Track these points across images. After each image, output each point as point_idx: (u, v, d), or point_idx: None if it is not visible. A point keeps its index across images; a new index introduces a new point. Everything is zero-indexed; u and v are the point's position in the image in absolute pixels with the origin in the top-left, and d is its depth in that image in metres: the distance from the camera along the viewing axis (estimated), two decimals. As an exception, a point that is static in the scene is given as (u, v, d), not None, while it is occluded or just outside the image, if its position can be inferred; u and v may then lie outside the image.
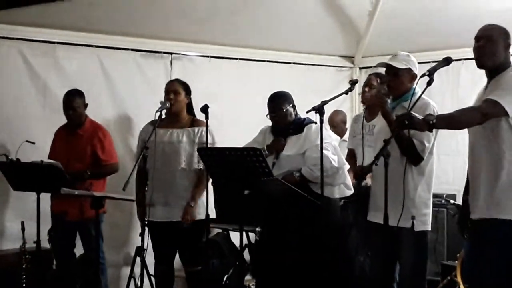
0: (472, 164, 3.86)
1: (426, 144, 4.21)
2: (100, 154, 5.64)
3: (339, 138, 6.85)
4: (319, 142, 4.47)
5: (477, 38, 3.79)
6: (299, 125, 4.87)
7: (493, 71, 3.78)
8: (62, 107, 5.65)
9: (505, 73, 3.72)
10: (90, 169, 5.53)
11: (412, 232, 4.23)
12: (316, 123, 4.81)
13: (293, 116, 4.90)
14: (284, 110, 4.83)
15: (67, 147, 5.62)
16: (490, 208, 3.67)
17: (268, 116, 4.90)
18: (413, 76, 4.38)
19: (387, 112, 4.31)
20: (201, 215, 5.11)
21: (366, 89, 5.58)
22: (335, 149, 4.82)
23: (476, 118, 3.61)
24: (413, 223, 4.20)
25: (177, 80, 5.40)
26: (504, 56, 3.76)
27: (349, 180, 4.93)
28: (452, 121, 3.71)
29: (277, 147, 4.79)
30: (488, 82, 3.81)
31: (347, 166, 4.94)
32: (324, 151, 4.55)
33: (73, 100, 5.61)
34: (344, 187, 4.92)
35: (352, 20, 7.42)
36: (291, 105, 4.89)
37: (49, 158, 5.54)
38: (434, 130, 3.92)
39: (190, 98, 5.31)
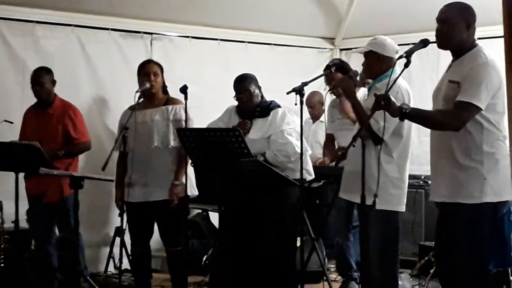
0: (436, 147, 3.80)
1: (380, 123, 4.04)
2: (72, 133, 5.57)
3: (311, 120, 6.87)
4: (284, 127, 4.70)
5: (437, 21, 3.75)
6: (266, 108, 4.88)
7: (456, 50, 3.74)
8: (30, 85, 5.58)
9: (470, 58, 3.65)
10: (63, 148, 5.48)
11: (373, 209, 4.20)
12: (280, 107, 4.86)
13: (259, 97, 4.92)
14: (252, 91, 4.85)
15: (38, 127, 5.54)
16: (454, 193, 3.64)
17: (235, 97, 4.92)
18: (384, 59, 4.41)
19: (352, 95, 4.36)
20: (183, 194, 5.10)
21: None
22: (298, 135, 4.83)
23: (455, 125, 3.57)
24: (374, 201, 4.18)
25: (153, 61, 5.31)
26: (466, 35, 3.69)
27: (310, 165, 4.94)
28: (427, 120, 3.71)
29: (243, 129, 4.79)
30: (453, 61, 3.78)
31: (309, 152, 4.97)
32: (289, 137, 4.68)
33: (40, 76, 5.53)
34: (305, 172, 4.92)
35: (333, 2, 7.43)
36: (257, 86, 4.91)
37: (20, 139, 5.49)
38: None
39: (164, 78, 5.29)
